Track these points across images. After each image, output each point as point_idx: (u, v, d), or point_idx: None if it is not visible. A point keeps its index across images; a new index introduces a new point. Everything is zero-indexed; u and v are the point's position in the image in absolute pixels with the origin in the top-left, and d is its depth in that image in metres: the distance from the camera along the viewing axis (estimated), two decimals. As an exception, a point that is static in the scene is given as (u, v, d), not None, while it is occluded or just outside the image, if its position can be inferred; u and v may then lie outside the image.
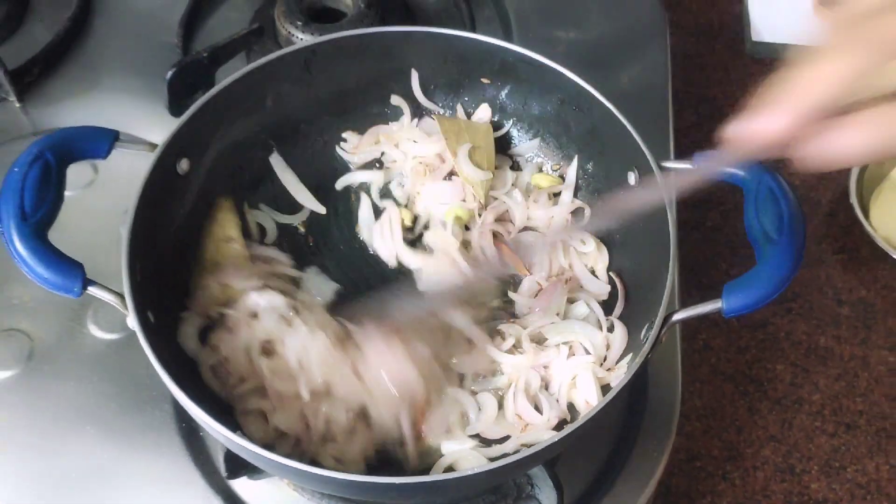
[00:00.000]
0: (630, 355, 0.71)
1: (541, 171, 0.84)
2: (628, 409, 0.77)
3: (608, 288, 0.77)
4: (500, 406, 0.72)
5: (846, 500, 0.84)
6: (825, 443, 0.87)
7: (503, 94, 0.82)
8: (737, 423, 0.88)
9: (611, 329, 0.74)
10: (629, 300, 0.76)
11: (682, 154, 1.00)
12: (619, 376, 0.71)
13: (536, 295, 0.77)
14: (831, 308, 0.94)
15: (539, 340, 0.75)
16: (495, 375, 0.73)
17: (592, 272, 0.79)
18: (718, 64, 1.12)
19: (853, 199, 0.95)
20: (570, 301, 0.76)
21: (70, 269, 0.63)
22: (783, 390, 0.90)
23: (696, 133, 1.06)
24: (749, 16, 1.14)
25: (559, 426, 0.70)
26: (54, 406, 0.76)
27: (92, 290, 0.63)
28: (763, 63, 1.11)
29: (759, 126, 0.46)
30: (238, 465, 0.71)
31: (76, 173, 0.69)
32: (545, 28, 1.03)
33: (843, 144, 0.45)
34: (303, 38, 0.92)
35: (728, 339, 0.92)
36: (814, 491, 0.84)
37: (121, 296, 0.63)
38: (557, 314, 0.75)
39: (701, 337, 0.93)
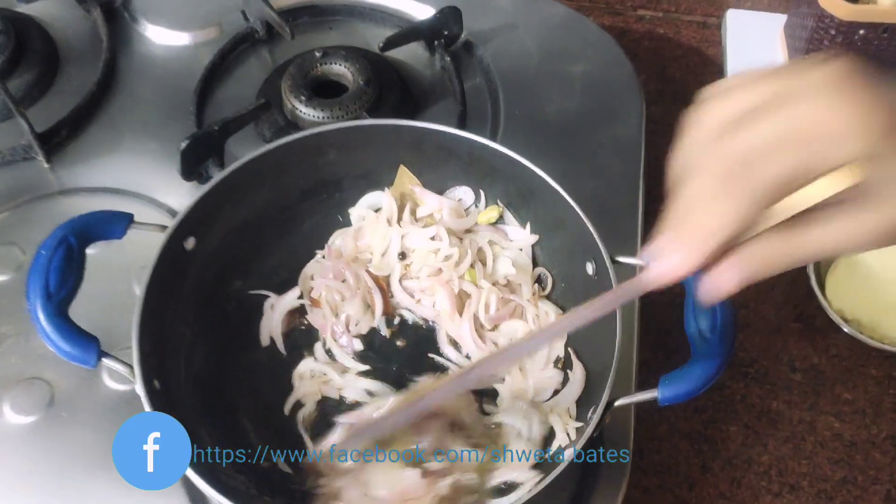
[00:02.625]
0: (580, 425, 0.79)
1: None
2: (581, 469, 0.85)
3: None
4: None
5: (785, 557, 0.92)
6: (770, 502, 0.94)
7: (485, 182, 0.91)
8: (690, 480, 0.96)
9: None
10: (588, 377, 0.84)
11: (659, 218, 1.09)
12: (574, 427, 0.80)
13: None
14: (785, 374, 1.02)
15: None
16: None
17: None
18: (697, 133, 1.19)
19: (810, 271, 1.03)
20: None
21: (87, 344, 0.72)
22: (734, 450, 0.97)
23: (672, 200, 1.14)
24: (727, 88, 1.21)
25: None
26: (71, 451, 0.85)
27: (106, 361, 0.72)
28: (737, 134, 1.19)
29: (668, 267, 0.52)
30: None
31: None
32: (531, 98, 1.11)
33: (721, 281, 0.52)
34: (306, 112, 1.00)
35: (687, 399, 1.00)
36: (756, 547, 0.92)
37: (130, 366, 0.72)
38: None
39: (662, 397, 1.01)
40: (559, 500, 0.83)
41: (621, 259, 0.78)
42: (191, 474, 0.69)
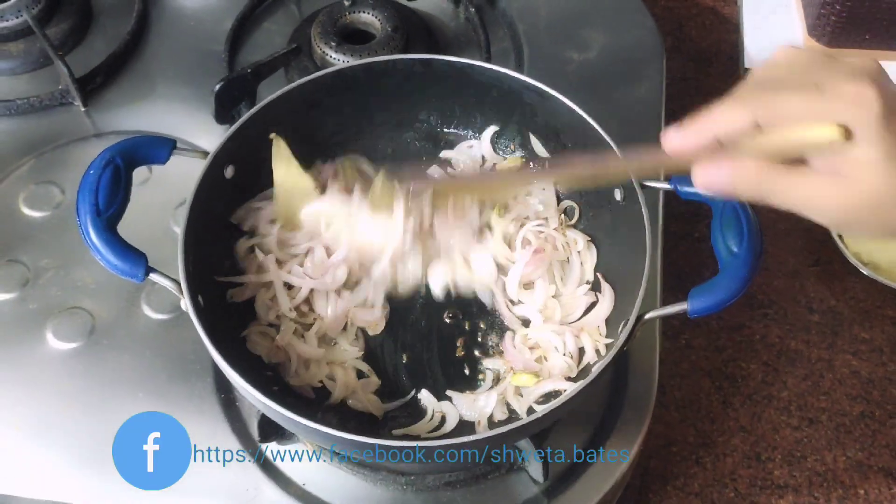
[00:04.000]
0: (610, 341, 0.82)
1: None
2: (609, 397, 0.87)
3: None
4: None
5: (805, 486, 0.94)
6: (789, 435, 0.97)
7: (513, 118, 0.93)
8: (711, 415, 0.98)
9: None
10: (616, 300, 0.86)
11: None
12: (604, 343, 0.83)
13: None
14: (803, 315, 1.04)
15: None
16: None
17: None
18: (713, 88, 1.22)
19: (828, 217, 1.05)
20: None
21: (136, 258, 0.74)
22: (755, 387, 1.00)
23: (690, 151, 1.17)
24: (744, 44, 1.24)
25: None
26: (111, 375, 0.87)
27: (153, 276, 0.75)
28: (754, 88, 1.21)
29: (674, 139, 0.60)
30: (269, 432, 0.83)
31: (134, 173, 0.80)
32: (554, 50, 1.13)
33: (716, 175, 0.58)
34: (336, 58, 1.03)
35: (708, 339, 1.03)
36: (776, 477, 0.94)
37: (177, 282, 0.75)
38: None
39: (684, 336, 1.03)
40: (586, 433, 0.86)
41: (649, 183, 0.80)
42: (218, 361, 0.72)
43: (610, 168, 0.75)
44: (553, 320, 0.84)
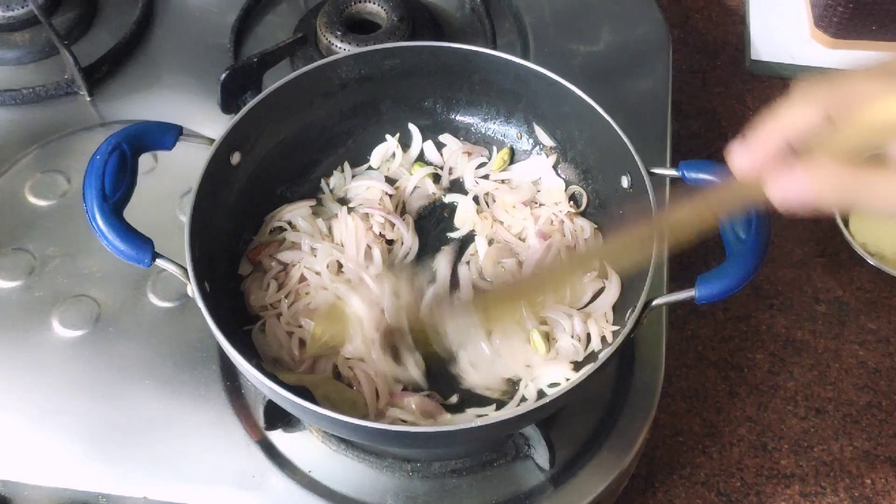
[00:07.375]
0: (617, 328, 0.82)
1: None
2: (615, 385, 0.87)
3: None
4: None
5: (811, 476, 0.93)
6: (796, 425, 0.97)
7: (519, 106, 0.93)
8: (717, 405, 0.98)
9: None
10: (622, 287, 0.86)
11: (683, 157, 1.11)
12: (611, 330, 0.83)
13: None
14: (809, 305, 1.04)
15: None
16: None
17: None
18: (719, 79, 1.22)
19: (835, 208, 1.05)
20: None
21: (142, 244, 0.74)
22: (761, 377, 1.00)
23: (696, 141, 1.16)
24: (750, 36, 1.23)
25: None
26: (118, 362, 0.87)
27: (160, 262, 0.75)
28: (760, 80, 1.21)
29: (742, 158, 0.56)
30: (275, 419, 0.83)
31: (140, 162, 0.80)
32: (560, 42, 1.13)
33: (794, 187, 0.54)
34: (341, 47, 1.03)
35: (714, 329, 1.02)
36: (783, 466, 0.94)
37: (183, 268, 0.75)
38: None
39: (689, 327, 1.03)
40: (592, 421, 0.85)
41: (656, 171, 0.80)
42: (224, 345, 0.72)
43: (667, 225, 0.68)
44: (563, 302, 0.84)
